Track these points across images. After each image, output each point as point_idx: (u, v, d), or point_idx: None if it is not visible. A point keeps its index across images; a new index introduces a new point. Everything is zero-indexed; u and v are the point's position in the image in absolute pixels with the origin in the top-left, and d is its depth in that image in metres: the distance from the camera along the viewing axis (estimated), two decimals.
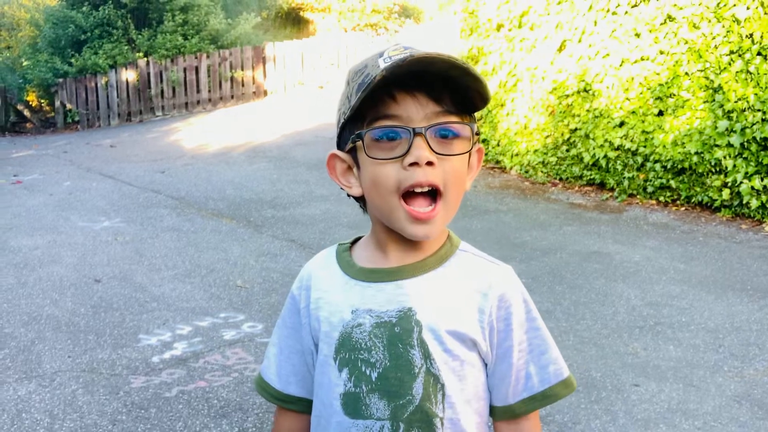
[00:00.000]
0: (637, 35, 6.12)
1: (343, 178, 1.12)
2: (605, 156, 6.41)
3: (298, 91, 13.96)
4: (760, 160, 5.23)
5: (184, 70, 13.40)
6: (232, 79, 13.70)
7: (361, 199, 1.13)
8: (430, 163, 1.01)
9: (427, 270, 1.09)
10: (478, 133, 1.08)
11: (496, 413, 1.13)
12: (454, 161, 1.04)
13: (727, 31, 5.39)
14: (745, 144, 5.29)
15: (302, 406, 1.20)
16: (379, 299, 1.08)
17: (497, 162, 7.82)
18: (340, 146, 1.12)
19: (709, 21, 5.51)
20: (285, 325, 1.20)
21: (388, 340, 1.06)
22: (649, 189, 6.05)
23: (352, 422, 1.07)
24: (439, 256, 1.10)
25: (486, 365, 1.11)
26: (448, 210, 1.06)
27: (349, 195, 1.13)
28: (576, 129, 6.77)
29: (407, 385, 1.06)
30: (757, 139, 5.20)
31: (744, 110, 5.29)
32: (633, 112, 6.18)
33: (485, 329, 1.08)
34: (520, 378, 1.11)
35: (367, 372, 1.07)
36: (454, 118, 1.04)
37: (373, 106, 1.01)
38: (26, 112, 14.64)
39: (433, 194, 1.04)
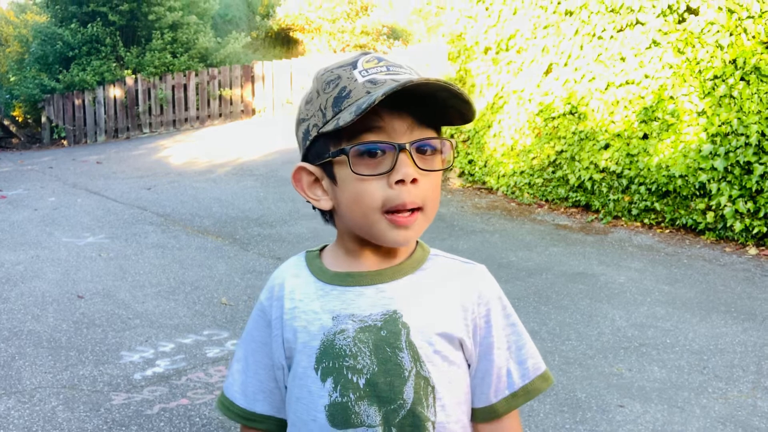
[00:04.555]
0: (623, 59, 6.20)
1: (309, 191, 1.08)
2: (591, 178, 6.46)
3: (287, 109, 13.99)
4: (743, 183, 5.28)
5: (173, 87, 13.40)
6: (220, 97, 13.71)
7: (326, 212, 1.10)
8: (414, 180, 1.01)
9: (405, 274, 1.08)
10: (456, 147, 1.09)
11: (476, 415, 1.12)
12: (433, 177, 1.04)
13: (711, 57, 5.47)
14: (729, 167, 5.35)
15: (270, 425, 1.16)
16: (360, 303, 1.06)
17: (484, 183, 7.86)
18: (307, 158, 1.08)
19: (693, 46, 5.60)
20: (252, 339, 1.15)
21: (375, 345, 1.04)
22: (634, 211, 6.10)
23: None
24: (414, 260, 1.10)
25: (469, 366, 1.11)
26: (426, 219, 1.06)
27: (314, 208, 1.11)
28: (562, 151, 6.82)
29: (398, 390, 1.04)
30: (741, 162, 5.26)
31: (727, 134, 5.35)
32: (618, 135, 6.24)
33: (469, 327, 1.08)
34: (502, 376, 1.10)
35: (354, 379, 1.04)
36: (432, 132, 1.04)
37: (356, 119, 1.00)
38: (12, 128, 14.56)
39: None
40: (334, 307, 1.07)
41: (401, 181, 1.00)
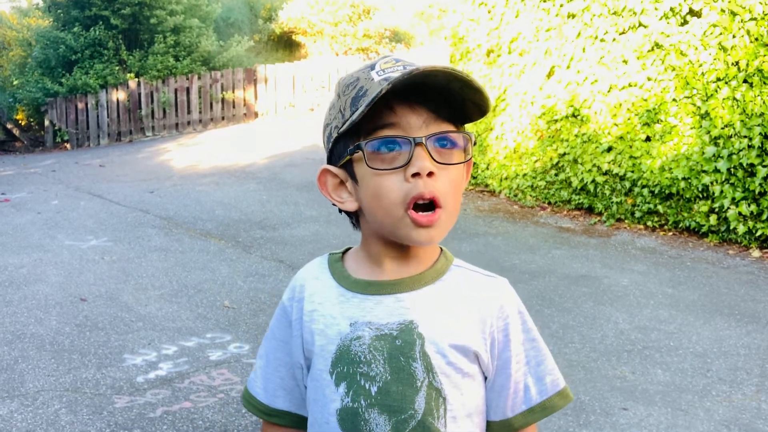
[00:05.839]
0: (625, 62, 6.19)
1: (334, 193, 1.10)
2: (593, 181, 6.45)
3: (289, 113, 14.01)
4: (746, 186, 5.27)
5: (175, 90, 13.43)
6: (223, 100, 13.73)
7: (352, 214, 1.11)
8: (430, 174, 1.00)
9: (426, 284, 1.08)
10: (474, 143, 1.07)
11: (493, 428, 1.12)
12: (452, 171, 1.04)
13: (714, 59, 5.46)
14: (732, 170, 5.34)
15: (289, 420, 1.17)
16: (378, 312, 1.06)
17: (486, 185, 7.85)
18: (331, 161, 1.10)
19: (696, 49, 5.59)
20: (274, 336, 1.17)
21: (389, 353, 1.04)
22: (637, 214, 6.09)
23: None
24: (435, 270, 1.10)
25: (486, 378, 1.10)
26: (449, 216, 1.05)
27: (340, 210, 1.11)
28: (564, 153, 6.82)
29: (409, 399, 1.04)
30: (744, 165, 5.25)
31: (730, 136, 5.35)
32: (621, 138, 6.23)
33: (487, 340, 1.08)
34: (519, 390, 1.10)
35: (367, 386, 1.04)
36: (451, 127, 1.04)
37: (371, 117, 1.00)
38: (15, 131, 14.59)
39: (432, 206, 1.03)
40: (353, 314, 1.07)
41: (417, 174, 1.00)
